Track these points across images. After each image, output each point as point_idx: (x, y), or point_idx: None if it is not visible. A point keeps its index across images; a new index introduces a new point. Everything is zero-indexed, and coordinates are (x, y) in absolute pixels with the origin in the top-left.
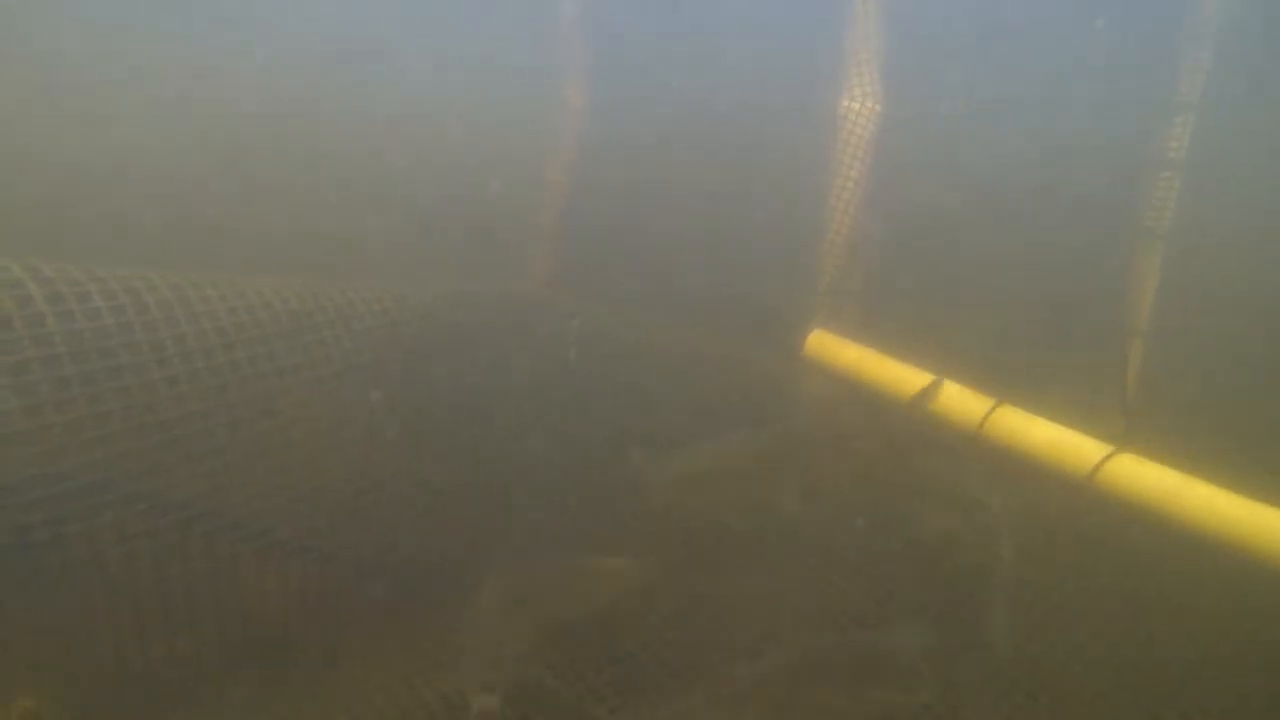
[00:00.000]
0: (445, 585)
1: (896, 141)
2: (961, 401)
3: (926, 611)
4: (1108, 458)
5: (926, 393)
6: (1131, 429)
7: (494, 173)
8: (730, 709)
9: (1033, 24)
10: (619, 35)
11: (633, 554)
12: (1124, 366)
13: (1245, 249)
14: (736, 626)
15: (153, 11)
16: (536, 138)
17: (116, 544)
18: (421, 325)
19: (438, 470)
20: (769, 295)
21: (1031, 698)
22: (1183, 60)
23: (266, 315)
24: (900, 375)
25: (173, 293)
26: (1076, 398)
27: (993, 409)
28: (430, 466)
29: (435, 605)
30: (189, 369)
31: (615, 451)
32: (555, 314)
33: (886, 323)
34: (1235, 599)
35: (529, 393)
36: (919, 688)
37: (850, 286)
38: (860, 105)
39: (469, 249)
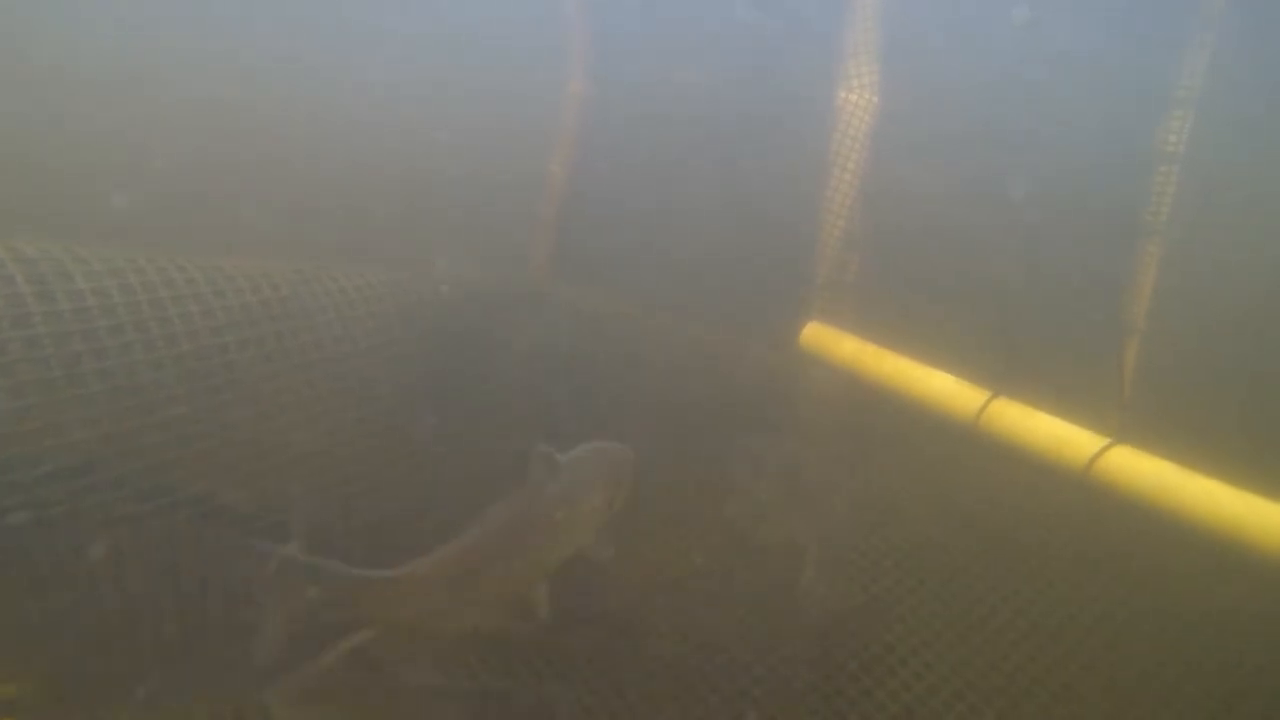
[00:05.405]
0: None
1: (894, 133)
2: (957, 394)
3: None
4: (1104, 450)
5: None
6: (1127, 423)
7: (493, 160)
8: None
9: (1029, 16)
10: (621, 23)
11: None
12: (1120, 360)
13: (1243, 244)
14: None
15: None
16: (536, 125)
17: (100, 528)
18: (417, 313)
19: (428, 458)
20: (765, 286)
21: (1028, 694)
22: (1182, 53)
23: (255, 300)
24: (896, 368)
25: (158, 275)
26: (1073, 391)
27: (988, 401)
28: (421, 454)
29: None
30: (174, 353)
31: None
32: (553, 304)
33: (882, 315)
34: (1234, 594)
35: (524, 382)
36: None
37: (846, 279)
38: (858, 97)
39: (467, 237)
